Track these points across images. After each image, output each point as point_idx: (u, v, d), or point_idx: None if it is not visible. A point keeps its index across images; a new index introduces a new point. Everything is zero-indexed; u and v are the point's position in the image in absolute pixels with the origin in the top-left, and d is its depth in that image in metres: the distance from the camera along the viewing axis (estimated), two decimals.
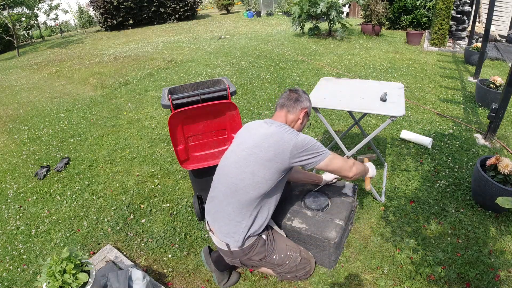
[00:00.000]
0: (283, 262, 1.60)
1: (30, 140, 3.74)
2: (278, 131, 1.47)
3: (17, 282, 1.88)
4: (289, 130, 1.49)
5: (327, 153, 1.49)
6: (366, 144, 2.62)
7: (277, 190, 1.54)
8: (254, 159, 1.45)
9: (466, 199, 2.21)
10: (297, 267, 1.64)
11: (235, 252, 1.52)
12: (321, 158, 1.47)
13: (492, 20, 4.04)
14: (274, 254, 1.58)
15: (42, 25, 14.10)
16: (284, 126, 1.52)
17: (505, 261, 1.76)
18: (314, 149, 1.46)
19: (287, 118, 1.60)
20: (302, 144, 1.44)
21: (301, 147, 1.44)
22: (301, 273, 1.67)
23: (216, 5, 15.22)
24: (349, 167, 1.56)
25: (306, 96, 1.65)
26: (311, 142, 1.47)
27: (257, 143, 1.47)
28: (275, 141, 1.44)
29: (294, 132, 1.49)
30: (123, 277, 1.51)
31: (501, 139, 2.95)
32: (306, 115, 1.65)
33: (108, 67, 6.65)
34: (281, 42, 7.43)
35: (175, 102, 2.19)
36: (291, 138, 1.45)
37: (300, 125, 1.64)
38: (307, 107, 1.64)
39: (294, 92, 1.63)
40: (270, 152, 1.43)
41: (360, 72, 4.96)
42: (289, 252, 1.61)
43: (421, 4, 7.57)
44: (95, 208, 2.45)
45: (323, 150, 1.48)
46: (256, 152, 1.45)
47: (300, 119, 1.61)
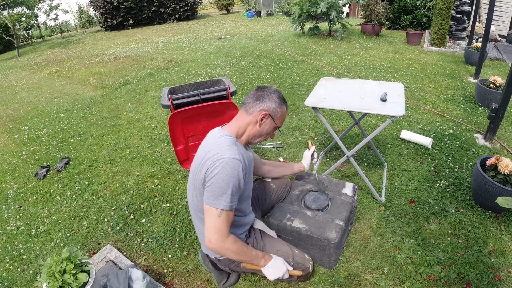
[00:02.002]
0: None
1: (30, 140, 3.74)
2: (212, 152, 1.30)
3: (17, 282, 1.88)
4: (221, 151, 1.28)
5: (226, 206, 1.28)
6: (366, 144, 2.62)
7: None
8: (192, 185, 1.42)
9: (466, 199, 2.21)
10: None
11: (222, 260, 1.56)
12: (217, 200, 1.27)
13: (492, 20, 4.04)
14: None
15: (42, 25, 14.10)
16: (223, 141, 1.33)
17: (505, 261, 1.76)
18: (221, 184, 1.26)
19: (243, 120, 1.41)
20: (214, 167, 1.26)
21: (210, 169, 1.27)
22: (295, 277, 1.64)
23: (216, 5, 15.23)
24: (216, 235, 1.28)
25: (274, 97, 1.41)
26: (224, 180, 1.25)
27: (193, 168, 1.39)
28: (201, 165, 1.32)
29: (223, 154, 1.27)
30: (123, 277, 1.51)
31: (501, 139, 2.95)
32: (269, 120, 1.41)
33: (108, 67, 6.65)
34: (281, 42, 7.43)
35: (175, 102, 2.19)
36: (212, 156, 1.28)
37: (259, 128, 1.41)
38: (269, 110, 1.39)
39: (261, 90, 1.44)
40: (197, 180, 1.35)
41: (360, 72, 4.96)
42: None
43: (421, 4, 7.57)
44: (95, 208, 2.45)
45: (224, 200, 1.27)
46: (191, 179, 1.43)
47: (257, 122, 1.39)
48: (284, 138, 3.17)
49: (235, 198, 1.30)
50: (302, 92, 4.28)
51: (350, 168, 2.61)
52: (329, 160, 2.74)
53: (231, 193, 1.27)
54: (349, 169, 2.61)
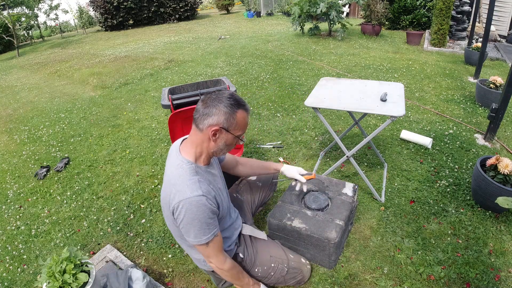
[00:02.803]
0: (267, 274, 1.56)
1: (30, 140, 3.74)
2: (173, 190, 1.24)
3: (17, 282, 1.88)
4: (182, 189, 1.21)
5: (209, 238, 1.26)
6: (366, 144, 2.62)
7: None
8: (164, 211, 1.36)
9: (466, 199, 2.21)
10: (285, 278, 1.58)
11: (214, 273, 1.53)
12: (197, 237, 1.25)
13: (492, 20, 4.04)
14: (255, 268, 1.54)
15: (42, 25, 14.11)
16: (182, 173, 1.25)
17: (505, 261, 1.76)
18: (193, 224, 1.23)
19: (197, 138, 1.27)
20: (178, 211, 1.21)
21: (176, 213, 1.23)
22: (292, 282, 1.62)
23: (216, 5, 15.23)
24: (213, 261, 1.33)
25: (221, 107, 1.21)
26: (195, 220, 1.21)
27: (163, 194, 1.32)
28: (167, 200, 1.26)
29: (184, 194, 1.20)
30: (123, 277, 1.51)
31: (501, 139, 2.95)
32: (224, 133, 1.25)
33: (108, 67, 6.65)
34: (281, 42, 7.43)
35: (175, 102, 2.19)
36: (173, 197, 1.22)
37: (215, 144, 1.27)
38: (219, 123, 1.22)
39: (207, 101, 1.24)
40: (167, 211, 1.29)
41: (360, 72, 4.96)
42: (274, 263, 1.55)
43: (421, 4, 7.57)
44: (95, 208, 2.45)
45: (203, 234, 1.25)
46: (162, 203, 1.36)
47: (210, 139, 1.25)
48: (284, 138, 3.17)
49: (214, 226, 1.27)
50: (302, 92, 4.28)
51: (350, 168, 2.61)
52: (329, 160, 2.74)
53: (206, 226, 1.24)
54: (349, 169, 2.61)
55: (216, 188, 1.36)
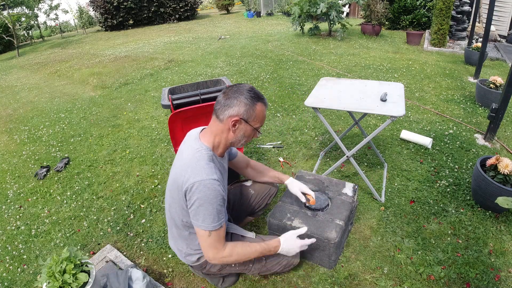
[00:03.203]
0: (246, 267, 1.54)
1: (30, 140, 3.74)
2: (189, 173, 1.25)
3: (17, 282, 1.88)
4: (198, 171, 1.24)
5: (214, 227, 1.27)
6: (366, 144, 2.62)
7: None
8: (170, 195, 1.39)
9: (466, 199, 2.21)
10: (267, 266, 1.55)
11: (194, 267, 1.55)
12: (204, 222, 1.26)
13: (492, 20, 4.04)
14: (232, 263, 1.52)
15: (42, 25, 14.11)
16: (199, 158, 1.28)
17: (505, 261, 1.76)
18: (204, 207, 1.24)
19: (217, 128, 1.32)
20: (192, 192, 1.23)
21: (189, 194, 1.25)
22: (278, 268, 1.57)
23: (216, 5, 15.23)
24: (212, 253, 1.30)
25: (242, 99, 1.27)
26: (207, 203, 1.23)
27: (172, 177, 1.35)
28: (180, 182, 1.28)
29: (201, 176, 1.23)
30: (123, 277, 1.51)
31: (501, 139, 2.95)
32: (243, 124, 1.30)
33: (108, 67, 6.65)
34: (281, 42, 7.43)
35: (175, 102, 2.19)
36: (188, 178, 1.24)
37: (234, 135, 1.32)
38: (239, 114, 1.28)
39: (228, 92, 1.30)
40: (176, 193, 1.32)
41: (360, 72, 4.96)
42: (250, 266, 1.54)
43: (421, 4, 7.57)
44: (95, 208, 2.45)
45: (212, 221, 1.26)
46: (169, 187, 1.40)
47: (230, 129, 1.31)
48: (284, 138, 3.17)
49: (222, 216, 1.29)
50: (302, 92, 4.28)
51: (350, 168, 2.61)
52: (329, 160, 2.74)
53: (217, 213, 1.25)
54: (349, 169, 2.61)
55: (224, 180, 1.41)
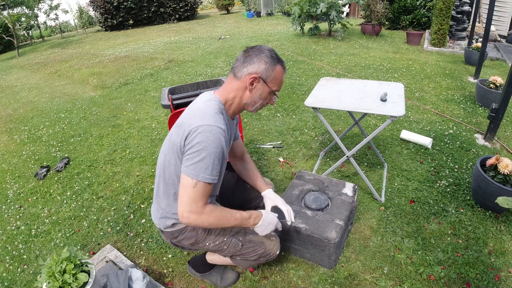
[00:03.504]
0: (220, 248, 1.44)
1: (30, 140, 3.74)
2: (195, 118, 1.19)
3: (17, 282, 1.88)
4: (205, 117, 1.18)
5: (205, 178, 1.16)
6: (366, 144, 2.62)
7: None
8: (168, 144, 1.29)
9: (466, 199, 2.21)
10: (242, 252, 1.44)
11: (164, 232, 1.45)
12: (195, 170, 1.15)
13: (492, 20, 4.04)
14: (207, 241, 1.42)
15: (42, 25, 14.11)
16: (209, 106, 1.23)
17: (505, 261, 1.76)
18: (202, 153, 1.14)
19: (233, 85, 1.27)
20: (194, 134, 1.15)
21: (190, 137, 1.16)
22: (253, 255, 1.45)
23: (216, 5, 15.23)
24: (190, 207, 1.16)
25: (263, 57, 1.23)
26: (206, 150, 1.13)
27: (174, 129, 1.28)
28: (183, 129, 1.20)
29: (207, 121, 1.16)
30: (123, 277, 1.51)
31: (501, 139, 2.95)
32: (261, 84, 1.25)
33: (108, 67, 6.65)
34: (281, 42, 7.43)
35: (175, 102, 2.19)
36: (193, 122, 1.17)
37: (250, 94, 1.26)
38: (259, 72, 1.23)
39: (249, 50, 1.26)
40: (175, 142, 1.23)
41: (360, 72, 4.96)
42: (226, 237, 1.42)
43: (421, 4, 7.57)
44: (95, 208, 2.45)
45: (204, 171, 1.15)
46: (168, 138, 1.31)
47: (247, 88, 1.25)
48: (284, 138, 3.17)
49: (216, 171, 1.18)
50: (302, 92, 4.28)
51: (350, 168, 2.61)
52: (329, 160, 2.74)
53: (212, 164, 1.15)
54: (349, 169, 2.61)
55: (229, 142, 1.34)
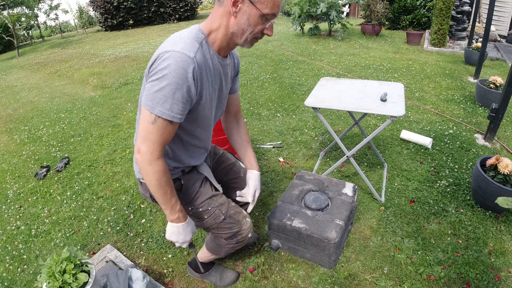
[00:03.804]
0: (201, 216, 1.35)
1: (30, 140, 3.74)
2: (165, 44, 1.05)
3: (17, 282, 1.88)
4: (174, 43, 1.02)
5: (163, 113, 1.00)
6: (366, 144, 2.62)
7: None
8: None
9: (466, 199, 2.22)
10: (219, 225, 1.36)
11: (143, 183, 1.33)
12: (153, 101, 1.00)
13: (492, 20, 4.04)
14: (190, 206, 1.34)
15: (42, 25, 14.10)
16: (185, 33, 1.07)
17: (505, 261, 1.76)
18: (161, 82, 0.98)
19: (216, 13, 1.08)
20: (159, 61, 1.00)
21: (155, 63, 1.01)
22: (226, 232, 1.38)
23: None
24: (144, 145, 1.04)
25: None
26: (167, 79, 0.97)
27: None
28: (153, 56, 1.05)
29: (182, 42, 1.01)
30: (123, 277, 1.51)
31: (501, 139, 2.95)
32: (246, 5, 1.02)
33: (108, 67, 6.65)
34: (281, 42, 7.43)
35: None
36: (163, 48, 1.02)
37: (235, 20, 1.05)
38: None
39: None
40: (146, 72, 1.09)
41: (360, 72, 4.96)
42: (212, 207, 1.34)
43: (421, 4, 7.57)
44: (95, 208, 2.45)
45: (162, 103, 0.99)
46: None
47: (231, 13, 1.04)
48: (284, 138, 3.17)
49: (178, 108, 1.02)
50: (302, 92, 4.28)
51: (350, 168, 2.61)
52: (329, 160, 2.74)
53: (172, 97, 0.99)
54: (349, 169, 2.61)
55: (212, 80, 1.13)
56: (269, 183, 2.51)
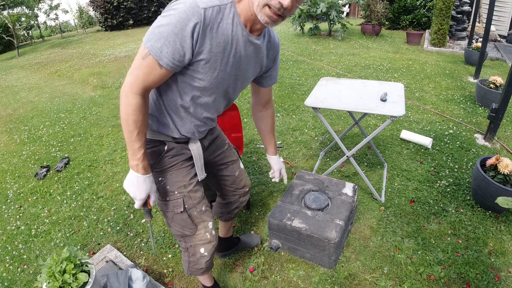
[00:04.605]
0: (164, 193, 1.24)
1: (30, 140, 3.74)
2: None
3: (17, 282, 1.88)
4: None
5: (150, 46, 0.93)
6: (366, 144, 2.62)
7: (166, 89, 1.09)
8: None
9: (466, 199, 2.22)
10: (175, 216, 1.25)
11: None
12: (149, 35, 0.94)
13: (492, 20, 4.04)
14: (160, 176, 1.22)
15: (42, 25, 14.10)
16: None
17: (505, 261, 1.76)
18: (163, 20, 0.92)
19: None
20: (174, 1, 0.95)
21: (171, 2, 0.95)
22: (176, 230, 1.28)
23: None
24: (131, 73, 0.99)
25: None
26: (169, 18, 0.91)
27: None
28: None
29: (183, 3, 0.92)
30: (123, 277, 1.51)
31: (501, 139, 2.95)
32: None
33: (108, 67, 6.65)
34: (281, 42, 7.43)
35: None
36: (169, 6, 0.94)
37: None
38: None
39: None
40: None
41: (360, 72, 4.96)
42: (178, 192, 1.22)
43: (421, 4, 7.57)
44: (95, 208, 2.45)
45: (156, 40, 0.92)
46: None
47: None
48: (284, 138, 3.17)
49: (167, 52, 0.93)
50: (302, 92, 4.28)
51: (350, 168, 2.61)
52: (329, 160, 2.74)
53: (166, 38, 0.91)
54: (349, 169, 2.61)
55: (223, 49, 1.00)
56: (269, 183, 2.51)
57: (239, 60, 1.07)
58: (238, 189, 1.54)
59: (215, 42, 0.97)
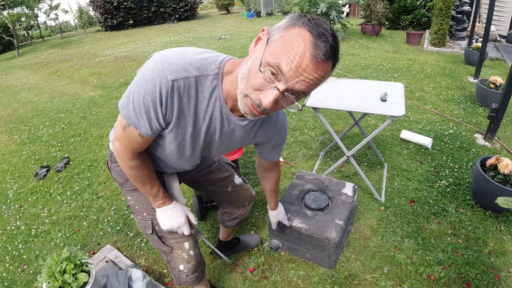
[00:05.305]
0: (134, 211, 1.24)
1: (30, 140, 3.74)
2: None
3: (17, 282, 1.88)
4: (188, 53, 0.85)
5: (125, 115, 0.88)
6: (366, 144, 2.62)
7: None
8: None
9: (466, 199, 2.21)
10: (148, 235, 1.23)
11: (109, 148, 1.25)
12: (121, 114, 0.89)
13: (492, 20, 4.04)
14: (129, 201, 1.22)
15: (42, 25, 14.10)
16: (215, 54, 0.90)
17: (505, 261, 1.76)
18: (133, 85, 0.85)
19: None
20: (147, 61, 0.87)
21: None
22: (155, 246, 1.27)
23: (216, 5, 15.22)
24: (118, 141, 0.97)
25: (294, 16, 0.75)
26: (141, 84, 0.82)
27: None
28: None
29: (186, 58, 0.83)
30: (123, 277, 1.51)
31: (501, 139, 2.95)
32: (260, 45, 0.78)
33: (108, 67, 6.65)
34: None
35: None
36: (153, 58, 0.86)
37: (243, 65, 0.81)
38: (270, 29, 0.79)
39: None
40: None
41: (360, 72, 4.96)
42: (146, 213, 1.19)
43: (421, 4, 7.57)
44: (95, 208, 2.45)
45: (126, 106, 0.86)
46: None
47: (249, 53, 0.82)
48: None
49: (144, 121, 0.86)
50: None
51: (350, 168, 2.61)
52: (329, 160, 2.74)
53: (138, 107, 0.84)
54: (349, 169, 2.61)
55: (199, 127, 0.92)
56: None
57: (213, 135, 0.98)
58: (236, 202, 1.54)
59: (183, 115, 0.88)
